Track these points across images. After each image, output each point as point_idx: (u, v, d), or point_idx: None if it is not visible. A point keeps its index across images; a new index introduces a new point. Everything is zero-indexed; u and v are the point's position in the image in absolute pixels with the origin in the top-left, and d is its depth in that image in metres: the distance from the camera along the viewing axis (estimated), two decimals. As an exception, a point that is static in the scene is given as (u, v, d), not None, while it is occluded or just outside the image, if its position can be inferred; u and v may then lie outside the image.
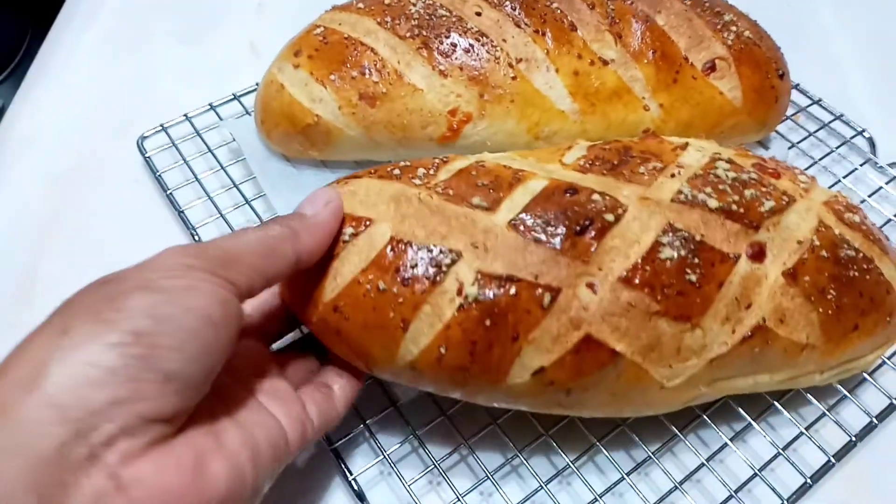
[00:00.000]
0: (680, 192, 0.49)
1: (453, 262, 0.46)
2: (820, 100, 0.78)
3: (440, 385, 0.49)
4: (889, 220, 0.69)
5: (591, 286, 0.46)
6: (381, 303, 0.46)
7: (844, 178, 0.72)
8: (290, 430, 0.43)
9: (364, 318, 0.46)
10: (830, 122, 0.77)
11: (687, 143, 0.55)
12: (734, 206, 0.49)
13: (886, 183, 0.71)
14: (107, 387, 0.32)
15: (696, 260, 0.47)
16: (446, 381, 0.48)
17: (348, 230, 0.48)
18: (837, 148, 0.74)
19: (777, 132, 0.76)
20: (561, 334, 0.45)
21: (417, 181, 0.50)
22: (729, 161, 0.53)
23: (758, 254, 0.48)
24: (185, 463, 0.35)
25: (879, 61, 0.87)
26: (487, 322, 0.45)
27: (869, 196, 0.70)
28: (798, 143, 0.75)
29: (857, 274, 0.51)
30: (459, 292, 0.45)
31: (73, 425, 0.31)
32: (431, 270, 0.46)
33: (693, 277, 0.46)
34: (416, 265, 0.46)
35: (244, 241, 0.41)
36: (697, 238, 0.47)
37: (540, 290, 0.45)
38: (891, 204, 0.71)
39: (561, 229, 0.46)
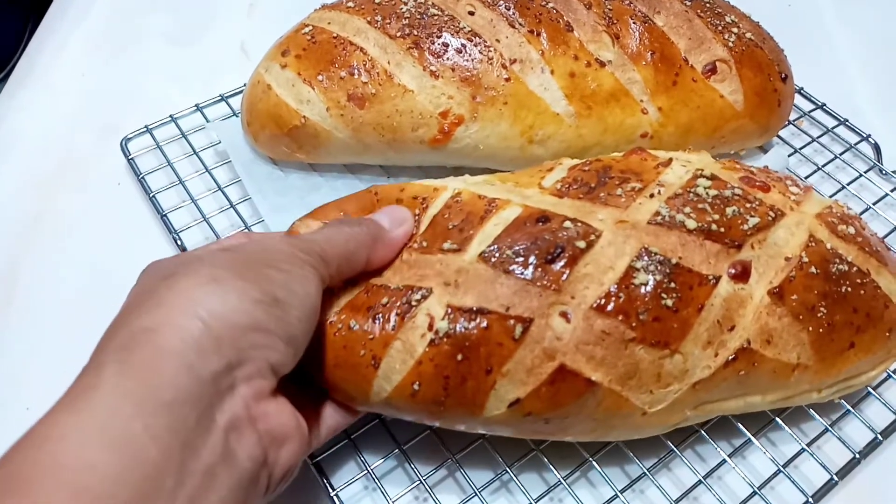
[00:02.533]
0: (658, 213, 0.48)
1: (424, 297, 0.46)
2: (824, 104, 0.76)
3: (418, 417, 0.48)
4: (895, 229, 0.66)
5: (564, 315, 0.45)
6: (351, 341, 0.46)
7: (848, 185, 0.70)
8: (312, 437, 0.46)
9: (335, 357, 0.47)
10: (834, 127, 0.75)
11: (671, 159, 0.53)
12: (714, 226, 0.47)
13: (892, 190, 0.69)
14: (252, 332, 0.38)
15: (673, 284, 0.45)
16: (423, 414, 0.47)
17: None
18: (841, 154, 0.72)
19: (779, 137, 0.74)
20: (535, 365, 0.44)
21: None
22: (712, 177, 0.51)
23: (741, 274, 0.47)
24: (291, 411, 0.41)
25: (885, 65, 0.85)
26: (459, 356, 0.45)
27: (874, 203, 0.68)
28: (800, 148, 0.73)
29: (850, 290, 0.49)
30: (430, 327, 0.45)
31: (226, 359, 0.36)
32: (402, 307, 0.46)
33: (669, 302, 0.45)
34: (387, 303, 0.46)
35: (336, 242, 0.45)
36: (674, 261, 0.46)
37: (511, 322, 0.44)
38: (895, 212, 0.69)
39: (532, 259, 0.45)
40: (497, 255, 0.46)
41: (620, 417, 0.47)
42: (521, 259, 0.45)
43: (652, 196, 0.49)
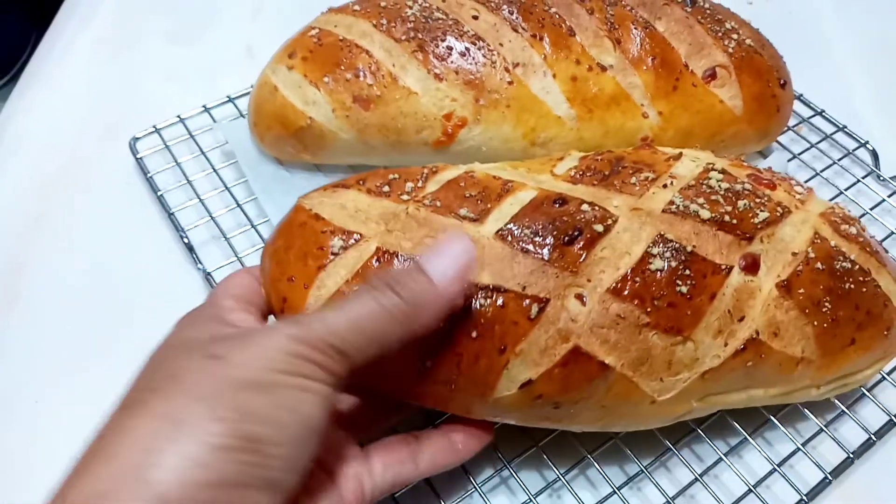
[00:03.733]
0: (672, 202, 0.48)
1: None
2: (823, 111, 0.77)
3: (426, 401, 0.47)
4: (891, 234, 0.67)
5: (580, 297, 0.45)
6: None
7: (846, 190, 0.71)
8: (346, 491, 0.42)
9: None
10: (833, 133, 0.76)
11: (681, 154, 0.54)
12: (727, 217, 0.48)
13: (889, 196, 0.70)
14: (214, 490, 0.32)
15: (688, 271, 0.46)
16: (432, 397, 0.47)
17: (337, 243, 0.47)
18: (840, 160, 0.73)
19: (778, 143, 0.75)
20: (549, 346, 0.44)
21: (405, 196, 0.49)
22: (723, 171, 0.52)
23: (751, 266, 0.47)
24: None
25: (884, 72, 0.86)
26: (474, 334, 0.44)
27: (871, 209, 0.69)
28: (799, 154, 0.74)
29: (853, 286, 0.49)
30: None
31: None
32: None
33: (684, 289, 0.45)
34: None
35: (361, 324, 0.38)
36: (689, 249, 0.46)
37: (527, 301, 0.44)
38: (893, 217, 0.69)
39: (549, 240, 0.45)
40: (515, 233, 0.46)
41: (629, 405, 0.47)
42: (538, 239, 0.45)
43: (665, 186, 0.50)
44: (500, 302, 0.44)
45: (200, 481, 0.31)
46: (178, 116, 0.74)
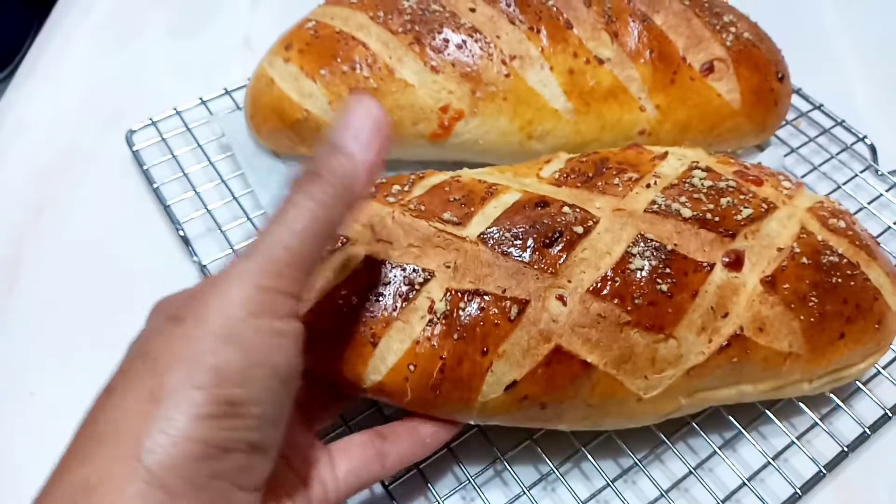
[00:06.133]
0: (654, 202, 0.49)
1: (426, 280, 0.46)
2: (821, 105, 0.77)
3: (410, 405, 0.48)
4: (888, 228, 0.67)
5: (561, 298, 0.46)
6: (352, 317, 0.46)
7: (844, 184, 0.70)
8: (312, 494, 0.43)
9: (336, 330, 0.46)
10: (831, 127, 0.75)
11: (667, 153, 0.54)
12: (709, 215, 0.48)
13: (887, 190, 0.70)
14: (206, 461, 0.32)
15: (668, 270, 0.46)
16: (416, 403, 0.47)
17: None
18: (837, 154, 0.73)
19: (777, 137, 0.74)
20: (531, 347, 0.45)
21: (391, 199, 0.50)
22: (707, 169, 0.52)
23: (735, 262, 0.48)
24: None
25: (884, 68, 0.86)
26: (456, 336, 0.45)
27: (868, 203, 0.69)
28: (798, 148, 0.74)
29: (841, 280, 0.50)
30: (430, 309, 0.46)
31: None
32: (404, 288, 0.46)
33: (664, 287, 0.46)
34: (389, 282, 0.46)
35: (302, 230, 0.36)
36: (669, 248, 0.47)
37: (508, 303, 0.45)
38: (891, 211, 0.69)
39: (530, 242, 0.46)
40: (496, 236, 0.47)
41: (615, 403, 0.48)
42: (519, 242, 0.46)
43: (648, 186, 0.50)
44: (481, 305, 0.45)
45: (190, 455, 0.32)
46: (175, 109, 0.74)
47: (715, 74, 0.66)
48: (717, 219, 0.48)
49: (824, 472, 0.52)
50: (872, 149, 0.74)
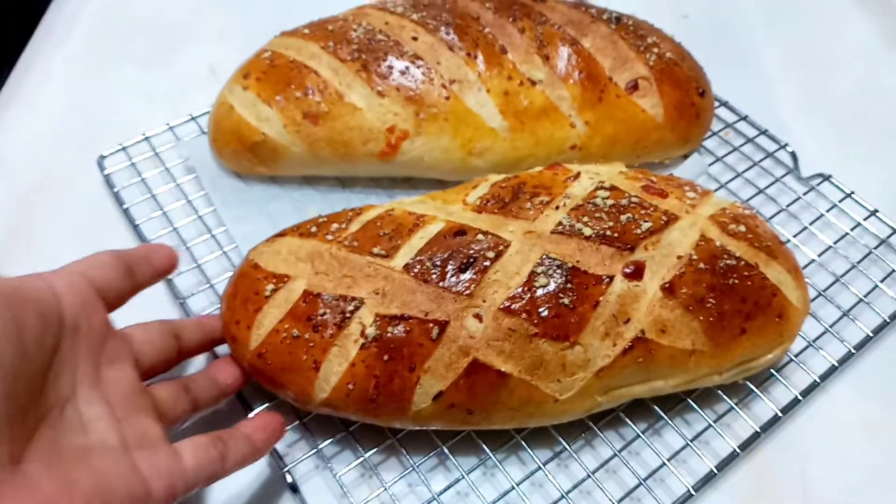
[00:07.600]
0: (560, 223, 0.54)
1: (357, 308, 0.52)
2: (747, 116, 0.82)
3: (355, 415, 0.54)
4: (805, 228, 0.73)
5: (477, 316, 0.51)
6: (295, 347, 0.52)
7: (766, 189, 0.76)
8: (155, 484, 0.43)
9: (282, 362, 0.53)
10: (755, 137, 0.81)
11: (580, 173, 0.60)
12: (608, 232, 0.54)
13: (804, 193, 0.75)
14: None
15: (570, 284, 0.52)
16: (359, 413, 0.53)
17: (269, 287, 0.54)
18: (760, 161, 0.78)
19: (705, 147, 0.80)
20: (452, 361, 0.51)
21: (330, 236, 0.56)
22: (611, 188, 0.57)
23: (635, 273, 0.53)
24: None
25: (805, 81, 0.91)
26: (386, 357, 0.51)
27: (788, 206, 0.74)
28: (723, 156, 0.79)
29: (738, 281, 0.54)
30: (362, 333, 0.51)
31: None
32: (338, 317, 0.52)
33: (566, 301, 0.51)
34: (325, 313, 0.52)
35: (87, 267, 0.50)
36: (570, 265, 0.52)
37: (430, 325, 0.51)
38: (809, 213, 0.74)
39: (448, 268, 0.52)
40: (419, 266, 0.52)
41: (535, 405, 0.53)
42: (438, 269, 0.52)
43: (557, 208, 0.56)
44: (406, 328, 0.51)
45: None
46: (144, 134, 0.78)
47: (639, 92, 0.71)
48: (616, 234, 0.54)
49: (738, 451, 0.57)
50: (794, 156, 0.79)
